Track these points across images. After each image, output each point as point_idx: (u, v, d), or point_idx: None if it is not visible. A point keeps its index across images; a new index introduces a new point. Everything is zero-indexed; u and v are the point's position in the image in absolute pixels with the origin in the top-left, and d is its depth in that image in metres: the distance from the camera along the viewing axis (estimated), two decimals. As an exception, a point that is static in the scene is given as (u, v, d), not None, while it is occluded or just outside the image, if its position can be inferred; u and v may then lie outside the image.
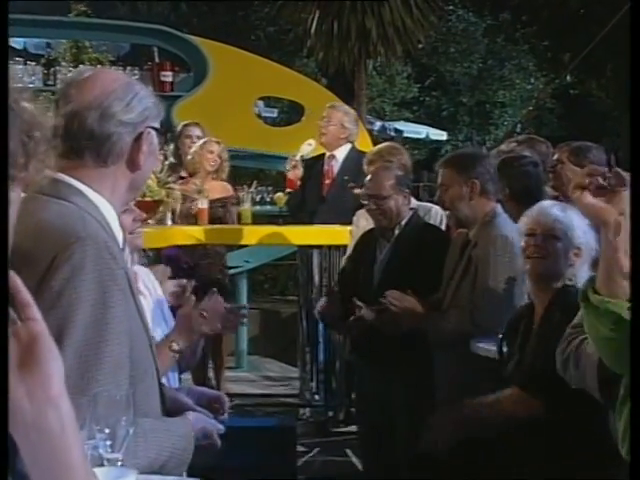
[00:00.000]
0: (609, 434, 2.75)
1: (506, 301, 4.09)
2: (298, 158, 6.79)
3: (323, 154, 6.74)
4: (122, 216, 2.33)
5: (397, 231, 4.75)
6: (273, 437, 4.53)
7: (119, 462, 1.81)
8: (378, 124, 20.27)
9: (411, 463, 4.02)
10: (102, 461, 1.80)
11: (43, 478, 1.22)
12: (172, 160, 6.96)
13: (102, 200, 2.17)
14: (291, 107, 14.08)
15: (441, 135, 22.96)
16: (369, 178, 4.85)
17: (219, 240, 6.70)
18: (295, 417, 6.47)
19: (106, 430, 1.79)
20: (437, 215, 5.42)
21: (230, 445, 2.40)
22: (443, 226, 5.27)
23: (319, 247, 6.50)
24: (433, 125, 23.31)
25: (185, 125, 7.18)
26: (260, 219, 7.53)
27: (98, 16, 12.47)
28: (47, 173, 2.08)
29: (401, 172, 4.90)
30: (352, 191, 5.83)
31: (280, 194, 7.44)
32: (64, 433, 1.21)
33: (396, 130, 21.22)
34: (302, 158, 6.84)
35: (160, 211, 5.85)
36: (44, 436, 1.20)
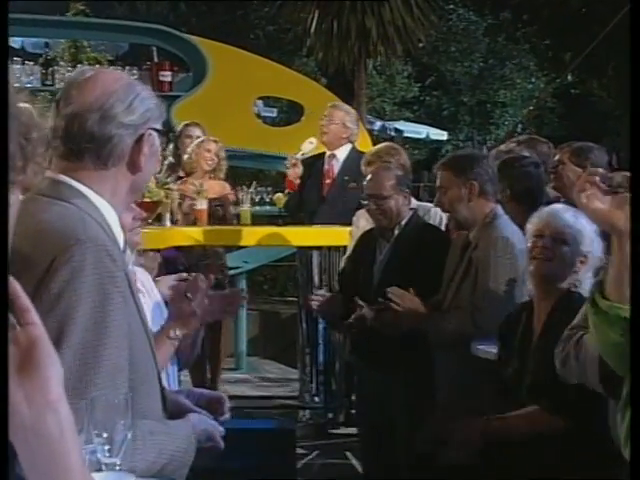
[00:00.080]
0: (611, 434, 2.75)
1: (507, 303, 4.07)
2: (299, 156, 6.75)
3: (323, 153, 6.71)
4: (122, 215, 2.32)
5: (397, 231, 4.75)
6: (272, 439, 4.52)
7: (117, 467, 1.81)
8: (378, 124, 20.29)
9: (412, 464, 4.00)
10: (100, 466, 1.79)
11: None
12: (171, 160, 6.96)
13: (103, 202, 2.17)
14: (290, 107, 14.08)
15: (441, 135, 22.98)
16: (369, 178, 4.83)
17: (218, 241, 6.67)
18: (295, 419, 6.47)
19: (104, 434, 1.78)
20: (436, 215, 5.41)
21: (229, 447, 2.40)
22: (443, 226, 5.25)
23: (319, 248, 6.48)
24: (433, 125, 23.34)
25: (186, 125, 7.17)
26: (259, 220, 7.52)
27: (97, 15, 12.44)
28: (48, 174, 2.08)
29: (401, 172, 4.89)
30: (353, 191, 5.81)
31: (280, 195, 7.42)
32: (63, 437, 1.21)
33: (396, 130, 21.24)
34: (303, 156, 6.80)
35: (159, 211, 5.84)
36: (43, 440, 1.20)
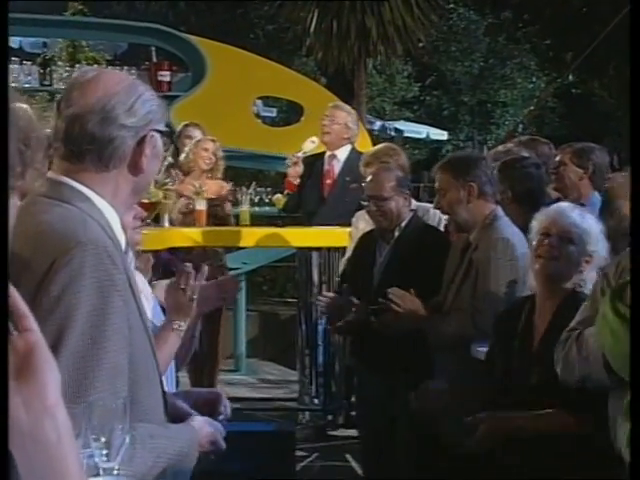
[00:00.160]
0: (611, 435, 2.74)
1: (507, 304, 4.06)
2: (300, 155, 6.72)
3: (323, 153, 6.69)
4: (123, 215, 2.31)
5: (397, 233, 4.74)
6: (272, 441, 4.53)
7: (115, 471, 1.79)
8: (378, 124, 20.31)
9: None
10: (98, 470, 1.78)
11: None
12: (170, 160, 6.94)
13: (104, 203, 2.16)
14: (290, 107, 14.09)
15: (442, 135, 23.00)
16: (370, 179, 4.83)
17: (217, 242, 6.66)
18: (294, 421, 6.47)
19: (102, 439, 1.76)
20: (435, 216, 5.40)
21: (229, 450, 2.40)
22: (442, 227, 5.24)
23: (318, 249, 6.47)
24: (434, 125, 23.36)
25: (186, 125, 7.17)
26: (259, 220, 7.51)
27: (95, 15, 12.44)
28: (49, 175, 2.07)
29: (401, 173, 4.88)
30: (354, 192, 5.80)
31: (279, 195, 7.40)
32: (60, 443, 1.22)
33: (396, 130, 21.26)
34: (304, 154, 6.77)
35: (157, 212, 5.82)
36: (40, 446, 1.21)
